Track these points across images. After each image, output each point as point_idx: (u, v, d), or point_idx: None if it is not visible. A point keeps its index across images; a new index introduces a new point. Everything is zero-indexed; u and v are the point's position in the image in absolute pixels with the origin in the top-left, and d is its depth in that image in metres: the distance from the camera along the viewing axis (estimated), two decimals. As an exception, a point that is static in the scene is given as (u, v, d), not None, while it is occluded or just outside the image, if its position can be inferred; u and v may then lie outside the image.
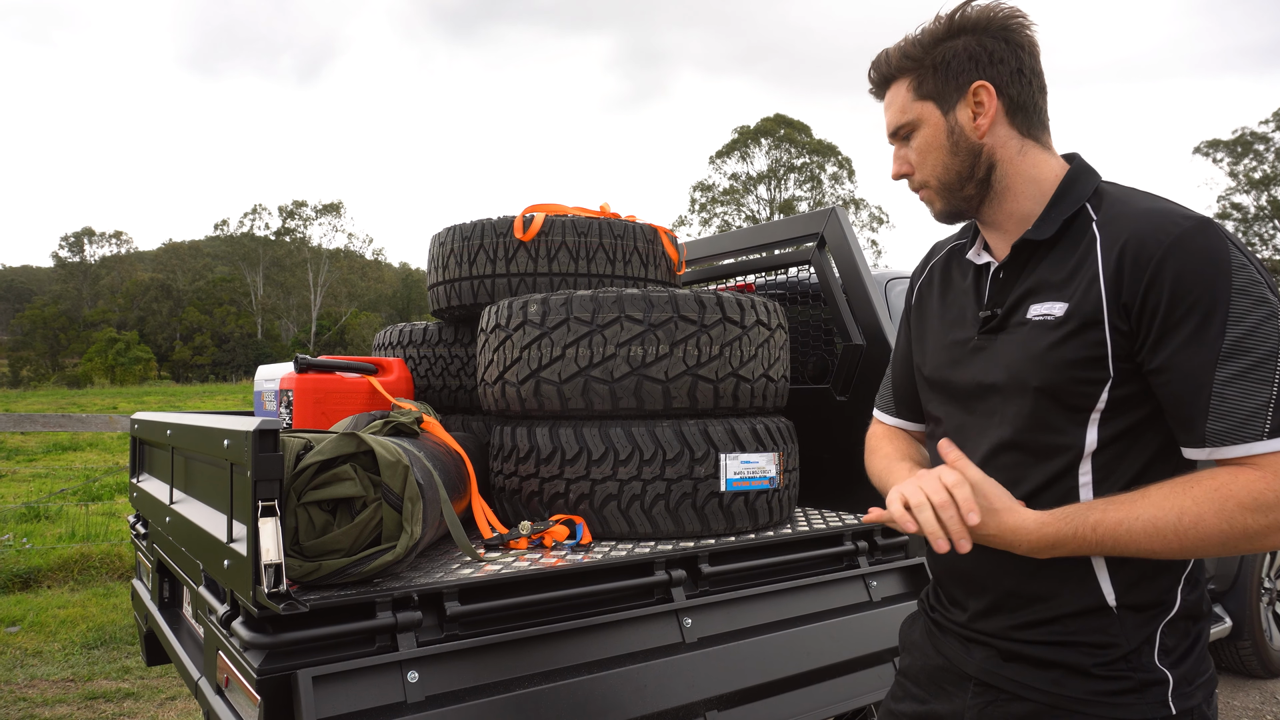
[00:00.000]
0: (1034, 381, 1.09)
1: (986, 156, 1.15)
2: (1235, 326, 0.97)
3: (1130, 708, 1.07)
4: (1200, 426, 0.99)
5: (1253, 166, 46.15)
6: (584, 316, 2.16)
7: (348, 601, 1.53)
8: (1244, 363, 0.96)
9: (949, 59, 1.15)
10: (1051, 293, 1.09)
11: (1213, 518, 0.97)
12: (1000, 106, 1.14)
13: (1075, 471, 1.08)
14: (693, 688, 1.80)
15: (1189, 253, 0.99)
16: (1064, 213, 1.11)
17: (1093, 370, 1.05)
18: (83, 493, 8.59)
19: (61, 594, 5.51)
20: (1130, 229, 1.04)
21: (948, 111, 1.16)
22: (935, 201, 1.21)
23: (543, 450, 2.18)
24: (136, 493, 2.81)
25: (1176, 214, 1.03)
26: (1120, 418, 1.06)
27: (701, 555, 1.99)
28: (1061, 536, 1.03)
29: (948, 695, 1.22)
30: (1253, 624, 3.91)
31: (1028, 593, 1.13)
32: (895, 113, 1.21)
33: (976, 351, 1.18)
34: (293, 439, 1.62)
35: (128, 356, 47.32)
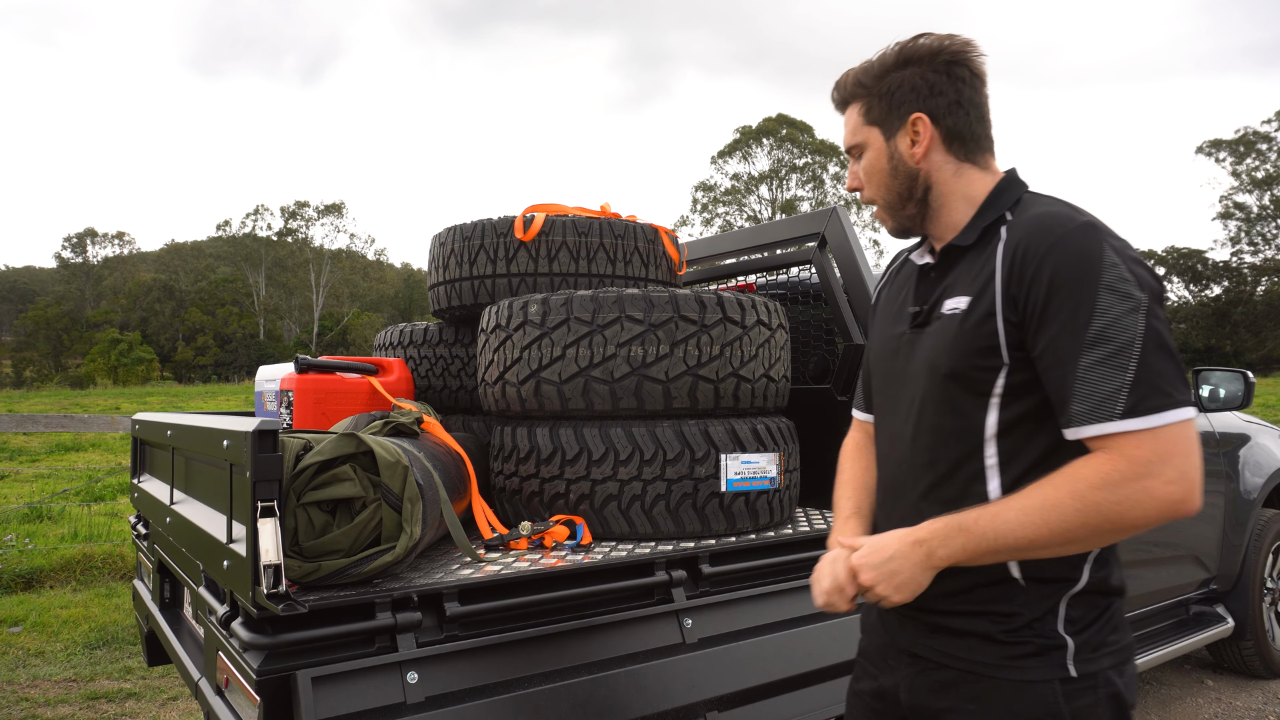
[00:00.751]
0: (943, 369, 1.21)
1: (923, 179, 1.28)
2: (1100, 318, 1.07)
3: (1033, 670, 1.17)
4: (1069, 408, 1.10)
5: (1255, 166, 46.08)
6: (584, 316, 2.16)
7: (347, 602, 1.53)
8: (1104, 351, 1.06)
9: (894, 89, 1.27)
10: (962, 289, 1.22)
11: (1069, 499, 1.06)
12: (936, 135, 1.26)
13: (982, 453, 1.19)
14: (693, 688, 1.79)
15: (1067, 251, 1.10)
16: (985, 221, 1.23)
17: (989, 358, 1.16)
18: (85, 493, 8.60)
19: (64, 594, 5.51)
20: (1025, 230, 1.16)
21: (889, 138, 1.29)
22: (886, 221, 1.35)
23: (543, 450, 2.18)
24: (137, 493, 2.81)
25: (1065, 216, 1.14)
26: (1019, 402, 1.17)
27: (702, 556, 1.99)
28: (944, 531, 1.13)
29: (891, 669, 1.34)
30: (1255, 624, 3.90)
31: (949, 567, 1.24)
32: (848, 133, 1.35)
33: (909, 344, 1.31)
34: (292, 439, 1.61)
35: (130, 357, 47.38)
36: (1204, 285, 48.26)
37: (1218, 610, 3.82)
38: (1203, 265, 47.70)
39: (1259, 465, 3.98)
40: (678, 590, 1.91)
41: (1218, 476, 3.75)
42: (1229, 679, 4.06)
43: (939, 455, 1.23)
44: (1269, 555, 3.99)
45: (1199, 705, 3.75)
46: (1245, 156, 46.18)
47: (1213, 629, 3.67)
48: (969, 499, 1.19)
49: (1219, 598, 3.88)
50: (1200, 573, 3.71)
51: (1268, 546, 3.96)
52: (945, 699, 1.23)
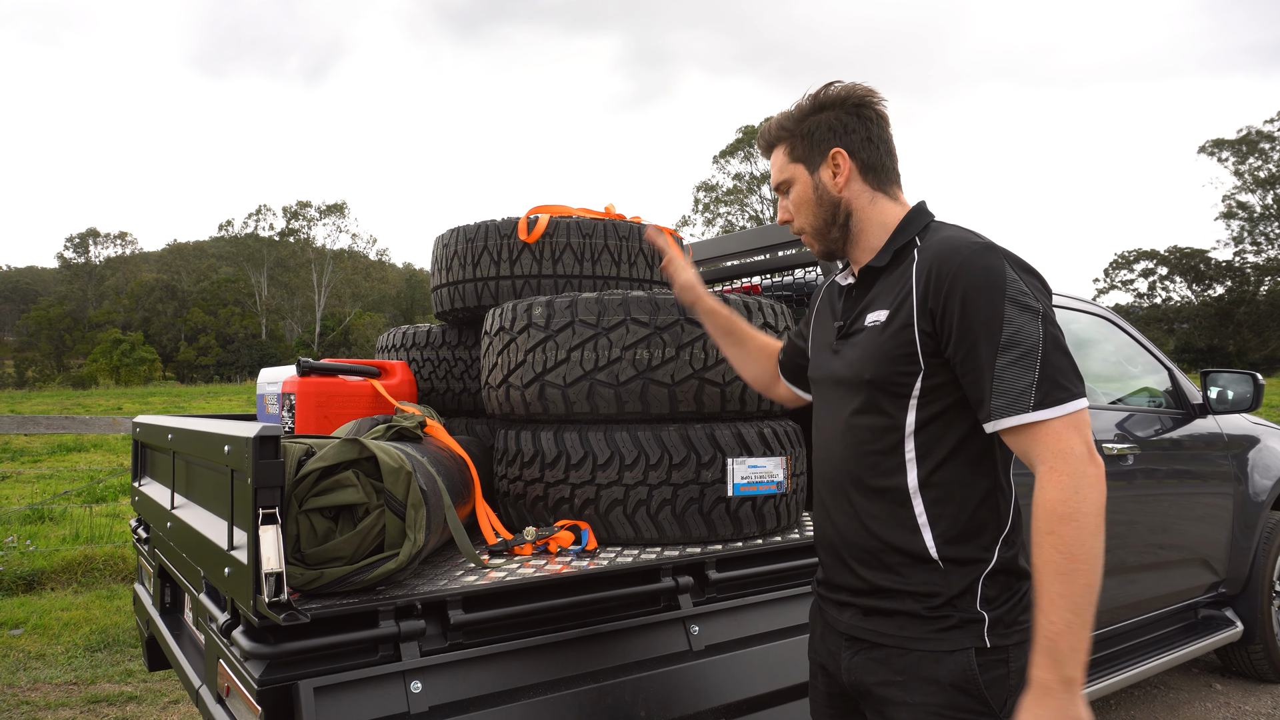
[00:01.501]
0: (867, 374, 1.35)
1: (845, 207, 1.44)
2: (1008, 325, 1.23)
3: (954, 640, 1.30)
4: (988, 404, 1.24)
5: (1258, 166, 45.97)
6: (589, 319, 2.14)
7: (350, 610, 1.51)
8: (1015, 353, 1.22)
9: (813, 130, 1.44)
10: (880, 304, 1.37)
11: (1064, 526, 1.18)
12: (854, 167, 1.43)
13: (902, 448, 1.33)
14: (700, 697, 1.77)
15: (974, 269, 1.25)
16: (896, 245, 1.39)
17: (907, 364, 1.31)
18: (87, 494, 8.58)
19: (65, 596, 5.50)
20: (934, 252, 1.31)
21: (813, 171, 1.45)
22: (813, 244, 1.50)
23: (547, 455, 2.16)
24: (138, 496, 2.79)
25: (969, 240, 1.30)
26: (933, 403, 1.31)
27: (708, 561, 1.96)
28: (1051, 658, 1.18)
29: (832, 654, 1.47)
30: (1264, 627, 3.87)
31: (869, 545, 1.37)
32: (777, 171, 1.51)
33: (835, 354, 1.46)
34: (294, 445, 1.59)
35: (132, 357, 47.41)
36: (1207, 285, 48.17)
37: (1226, 614, 3.79)
38: (1205, 265, 47.62)
39: (1268, 467, 3.95)
40: (684, 597, 1.89)
41: (1226, 478, 3.73)
42: (1237, 683, 4.03)
43: (865, 450, 1.37)
44: (1278, 558, 3.96)
45: (1208, 710, 3.73)
46: (1248, 156, 46.09)
47: (1221, 633, 3.64)
48: (893, 490, 1.34)
49: (1227, 601, 3.85)
50: (1208, 576, 3.68)
51: (1276, 549, 3.93)
52: (877, 674, 1.35)
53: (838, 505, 1.42)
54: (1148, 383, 3.79)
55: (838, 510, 1.42)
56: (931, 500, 1.32)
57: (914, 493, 1.33)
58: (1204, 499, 3.61)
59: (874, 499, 1.36)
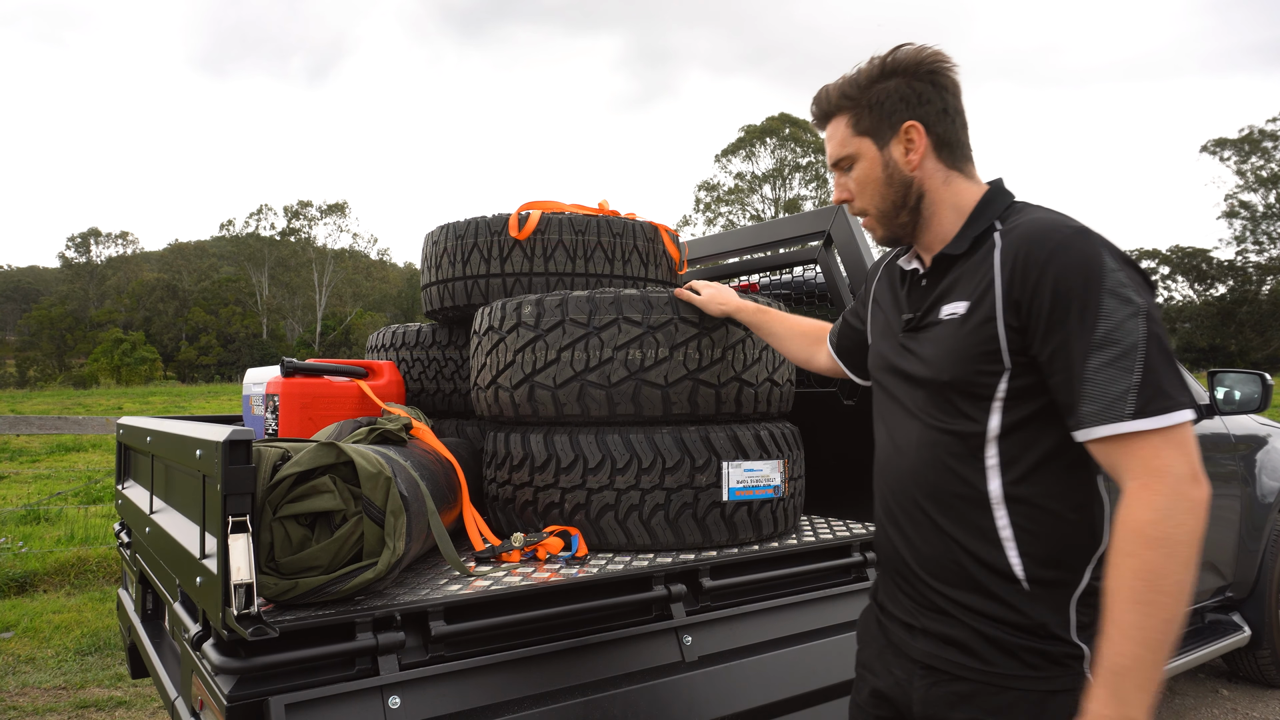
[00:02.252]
0: (945, 374, 1.22)
1: (917, 187, 1.29)
2: (1105, 321, 1.09)
3: (1054, 679, 1.17)
4: (1078, 409, 1.11)
5: (1260, 165, 45.84)
6: (580, 318, 2.07)
7: (326, 622, 1.44)
8: (1111, 353, 1.08)
9: (882, 99, 1.28)
10: (958, 295, 1.23)
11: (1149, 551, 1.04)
12: (928, 143, 1.28)
13: (983, 454, 1.20)
14: (693, 710, 1.71)
15: (1068, 257, 1.12)
16: (975, 230, 1.25)
17: (991, 362, 1.18)
18: (83, 495, 8.53)
19: (57, 598, 5.44)
20: (1023, 237, 1.17)
21: (883, 147, 1.30)
22: (877, 229, 1.36)
23: (537, 458, 2.09)
24: (121, 499, 2.73)
25: (1061, 223, 1.16)
26: (1020, 406, 1.18)
27: (702, 568, 1.90)
28: (1116, 691, 1.05)
29: (895, 678, 1.33)
30: (1272, 633, 3.80)
31: (946, 558, 1.24)
32: (836, 145, 1.35)
33: (902, 348, 1.33)
34: (270, 449, 1.53)
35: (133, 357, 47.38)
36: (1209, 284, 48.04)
37: (1233, 618, 3.72)
38: (1207, 264, 47.48)
39: (1275, 469, 3.88)
40: (677, 606, 1.82)
41: (1233, 480, 3.66)
42: (1244, 688, 3.96)
43: (940, 454, 1.25)
44: (1285, 562, 3.89)
45: (1215, 716, 3.66)
46: (1250, 155, 45.95)
47: (1229, 638, 3.57)
48: (972, 499, 1.22)
49: (1235, 605, 3.78)
50: (1216, 580, 3.61)
51: (1284, 553, 3.86)
52: (963, 711, 1.22)
53: (908, 515, 1.29)
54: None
55: (908, 521, 1.29)
56: (1016, 512, 1.19)
57: (996, 502, 1.20)
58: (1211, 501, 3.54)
59: (951, 508, 1.23)
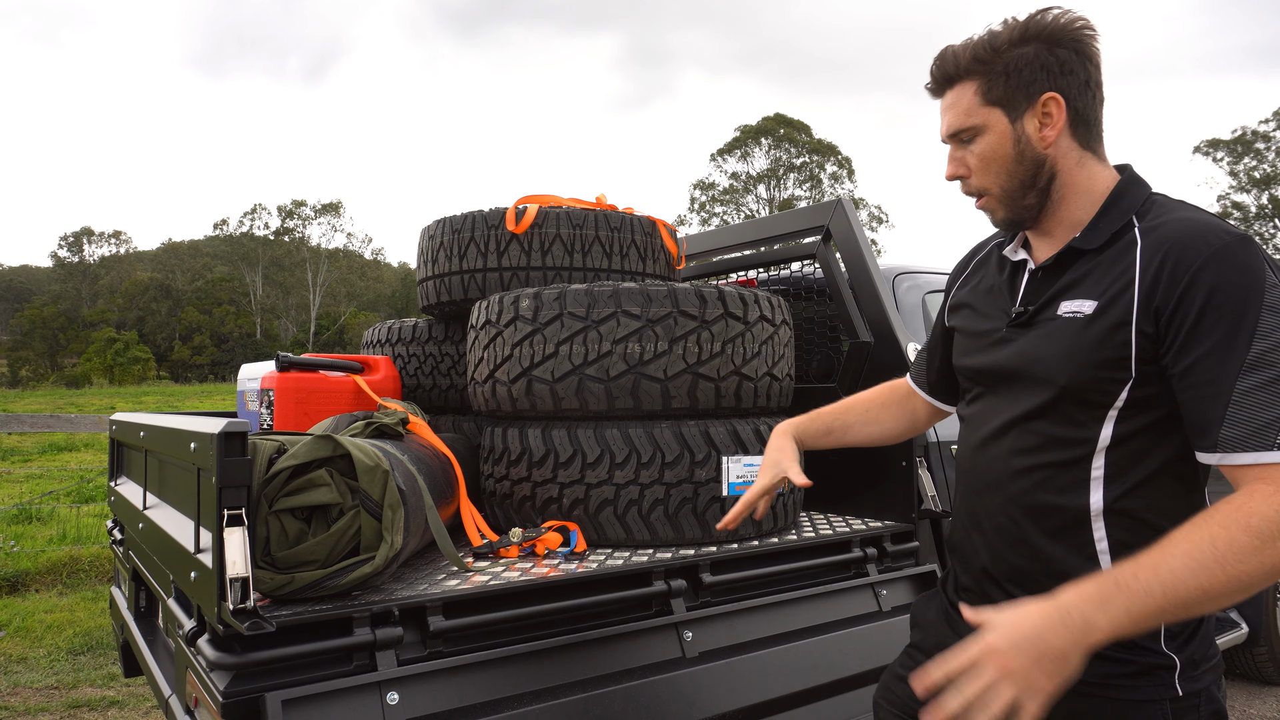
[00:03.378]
0: (1061, 378, 1.12)
1: (1049, 167, 1.17)
2: (1262, 340, 0.99)
3: (1140, 689, 1.11)
4: (1215, 432, 1.01)
5: (1253, 165, 46.03)
6: (578, 312, 2.05)
7: (323, 617, 1.43)
8: (1266, 376, 0.99)
9: (1021, 66, 1.15)
10: (1083, 291, 1.13)
11: (1245, 538, 0.95)
12: (1066, 119, 1.16)
13: (1089, 464, 1.12)
14: (693, 706, 1.69)
15: (1227, 265, 1.02)
16: (1112, 224, 1.14)
17: (1115, 370, 1.08)
18: (75, 494, 8.47)
19: (49, 598, 5.40)
20: (1173, 238, 1.07)
21: (1015, 120, 1.17)
22: (997, 210, 1.23)
23: (535, 453, 2.07)
24: (114, 496, 2.70)
25: (1220, 228, 1.06)
26: (1137, 417, 1.09)
27: (702, 564, 1.88)
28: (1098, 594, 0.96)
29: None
30: (1269, 629, 3.80)
31: (1033, 570, 1.17)
32: (959, 115, 1.20)
33: (1004, 342, 1.22)
34: (265, 442, 1.51)
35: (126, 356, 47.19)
36: (1202, 284, 48.23)
37: (1231, 615, 3.72)
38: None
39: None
40: (677, 601, 1.81)
41: (1231, 478, 3.65)
42: (1242, 686, 3.96)
43: (1040, 461, 1.16)
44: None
45: (1212, 713, 3.65)
46: (1243, 156, 46.14)
47: (1227, 635, 3.56)
48: (1069, 510, 1.13)
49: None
50: (1213, 577, 3.61)
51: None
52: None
53: (994, 523, 1.22)
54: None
55: (994, 529, 1.22)
56: (1116, 526, 1.11)
57: (1096, 516, 1.12)
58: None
59: (1044, 518, 1.15)
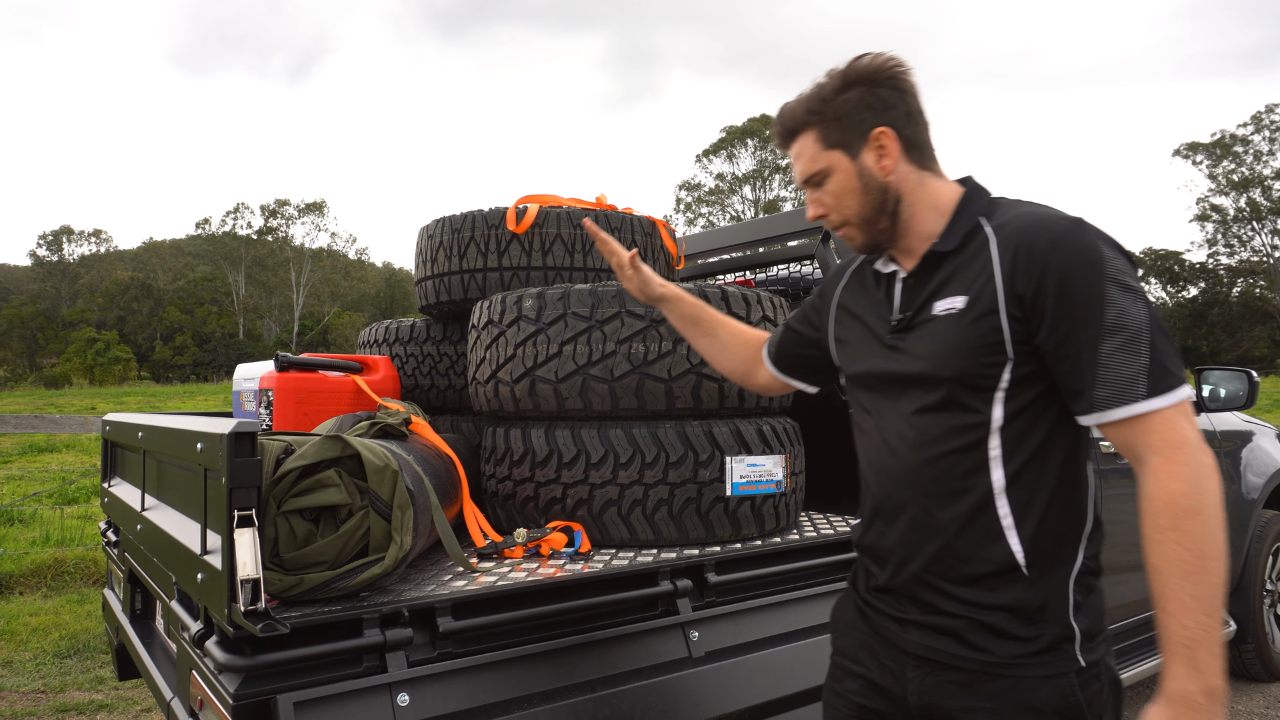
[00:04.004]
0: (949, 369, 1.22)
1: (894, 192, 1.29)
2: (1112, 308, 1.13)
3: (1049, 664, 1.19)
4: (1091, 394, 1.14)
5: (1231, 169, 46.59)
6: (582, 312, 2.05)
7: (332, 618, 1.42)
8: (1122, 338, 1.12)
9: (849, 110, 1.28)
10: (952, 290, 1.24)
11: (1189, 521, 1.07)
12: (900, 147, 1.29)
13: (987, 445, 1.21)
14: (701, 706, 1.69)
15: (1070, 247, 1.15)
16: (963, 227, 1.26)
17: (994, 354, 1.19)
18: (58, 495, 8.37)
19: (34, 601, 5.33)
20: (1021, 230, 1.20)
21: (855, 157, 1.29)
22: (857, 237, 1.34)
23: (538, 453, 2.07)
24: (108, 498, 2.67)
25: (1057, 216, 1.20)
26: (1021, 395, 1.20)
27: (707, 564, 1.88)
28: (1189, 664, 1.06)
29: (888, 669, 1.33)
30: (1256, 626, 3.85)
31: (946, 555, 1.24)
32: (807, 162, 1.33)
33: (890, 350, 1.31)
34: (272, 442, 1.50)
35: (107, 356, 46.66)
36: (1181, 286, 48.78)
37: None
38: (1180, 267, 48.23)
39: (1260, 466, 3.93)
40: (683, 601, 1.81)
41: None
42: (1229, 683, 4.00)
43: (943, 450, 1.24)
44: (1269, 557, 3.94)
45: (1201, 710, 3.69)
46: (1222, 160, 46.70)
47: (1215, 632, 3.61)
48: (974, 492, 1.22)
49: (1220, 600, 3.82)
50: (1202, 575, 3.65)
51: (1268, 548, 3.91)
52: (960, 699, 1.23)
53: (905, 512, 1.28)
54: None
55: (905, 519, 1.28)
56: (1018, 501, 1.20)
57: (999, 493, 1.21)
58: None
59: (950, 503, 1.23)
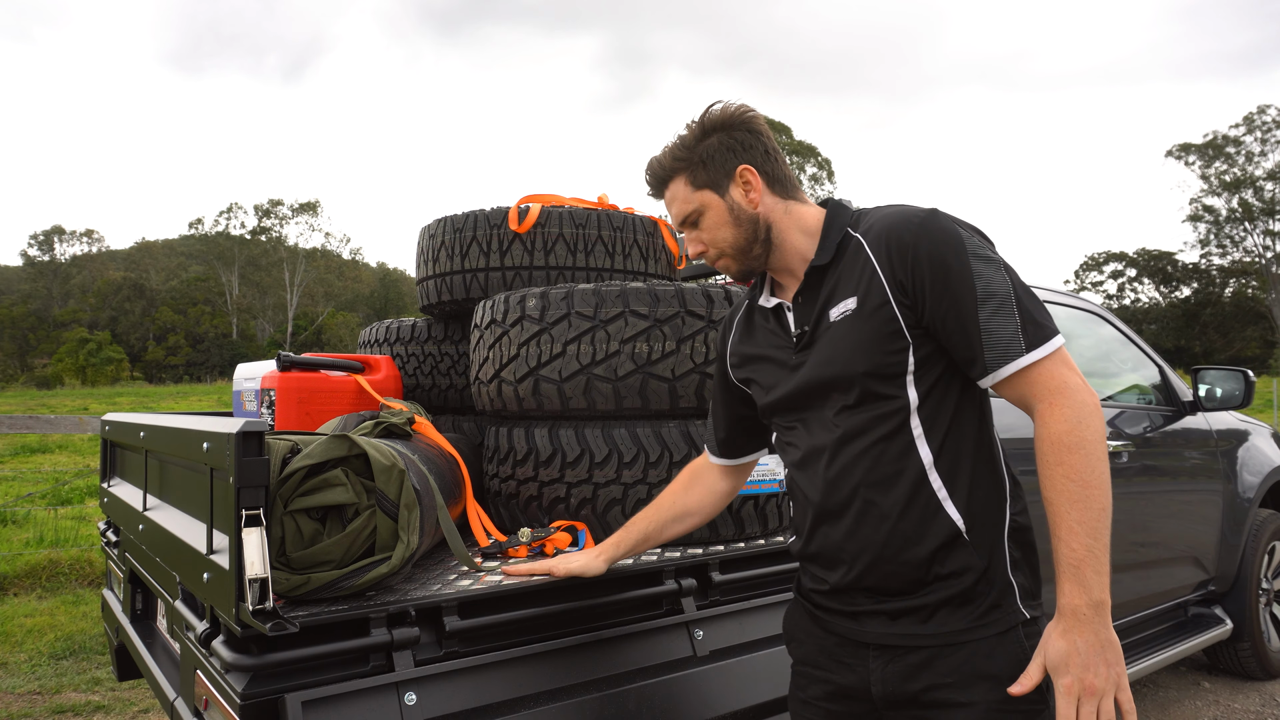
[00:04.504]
0: (860, 365, 1.29)
1: (764, 221, 1.40)
2: (979, 280, 1.24)
3: (998, 622, 1.26)
4: (981, 359, 1.24)
5: (1223, 170, 46.80)
6: (586, 311, 2.05)
7: (339, 618, 1.41)
8: (994, 304, 1.23)
9: (712, 154, 1.40)
10: (841, 294, 1.33)
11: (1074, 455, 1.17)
12: (763, 182, 1.40)
13: (908, 425, 1.29)
14: (706, 704, 1.69)
15: (931, 235, 1.26)
16: (834, 241, 1.36)
17: (896, 341, 1.28)
18: (52, 496, 8.34)
19: (29, 602, 5.31)
20: (887, 227, 1.31)
21: (724, 194, 1.40)
22: (732, 266, 1.44)
23: (542, 452, 2.07)
24: (107, 498, 2.66)
25: (913, 210, 1.31)
26: (929, 374, 1.29)
27: (712, 563, 1.89)
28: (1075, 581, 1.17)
29: (848, 667, 1.37)
30: (1252, 625, 3.87)
31: (892, 541, 1.29)
32: (682, 205, 1.43)
33: (799, 366, 1.39)
34: (278, 441, 1.49)
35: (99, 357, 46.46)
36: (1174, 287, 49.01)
37: (1215, 612, 3.78)
38: (1173, 267, 48.45)
39: (1256, 465, 3.95)
40: (687, 600, 1.81)
41: (1215, 476, 3.71)
42: (1225, 681, 4.03)
43: (872, 440, 1.31)
44: (1265, 556, 3.96)
45: (1197, 708, 3.71)
46: (1214, 160, 46.91)
47: (1211, 631, 3.63)
48: (907, 473, 1.29)
49: (1216, 599, 3.84)
50: (1199, 574, 3.67)
51: (1264, 547, 3.93)
52: (921, 679, 1.28)
53: (848, 510, 1.33)
54: (1137, 379, 3.77)
55: (849, 515, 1.33)
56: (946, 472, 1.29)
57: (929, 468, 1.28)
58: (1193, 497, 3.60)
59: (889, 487, 1.29)
